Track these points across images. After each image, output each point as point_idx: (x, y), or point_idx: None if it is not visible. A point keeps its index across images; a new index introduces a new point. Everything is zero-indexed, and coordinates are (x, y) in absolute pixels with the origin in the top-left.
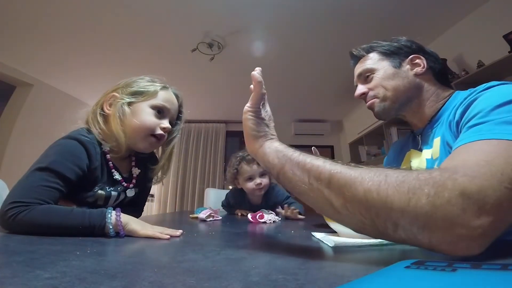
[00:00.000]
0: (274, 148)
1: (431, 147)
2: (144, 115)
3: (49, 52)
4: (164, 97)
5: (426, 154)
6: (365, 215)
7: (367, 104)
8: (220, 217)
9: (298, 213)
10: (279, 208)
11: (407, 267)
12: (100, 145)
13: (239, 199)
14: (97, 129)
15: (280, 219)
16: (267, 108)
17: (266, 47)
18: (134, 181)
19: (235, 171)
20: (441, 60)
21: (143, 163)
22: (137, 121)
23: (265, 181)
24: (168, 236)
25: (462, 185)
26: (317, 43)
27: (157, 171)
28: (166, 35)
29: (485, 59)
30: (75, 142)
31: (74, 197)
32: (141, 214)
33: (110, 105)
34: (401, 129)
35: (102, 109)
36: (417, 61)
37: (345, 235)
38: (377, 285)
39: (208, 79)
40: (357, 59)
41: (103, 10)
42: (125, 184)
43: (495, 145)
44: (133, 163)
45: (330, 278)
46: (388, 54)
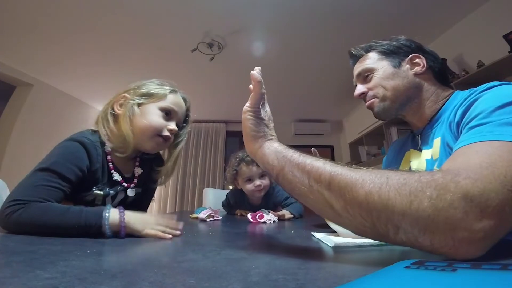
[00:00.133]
0: (273, 149)
1: (431, 147)
2: (153, 116)
3: (49, 52)
4: (173, 100)
5: (426, 154)
6: (366, 217)
7: (366, 104)
8: (220, 217)
9: (287, 214)
10: (278, 208)
11: (407, 267)
12: (104, 146)
13: (239, 199)
14: (105, 129)
15: (278, 219)
16: (267, 108)
17: (266, 47)
18: (135, 181)
19: (234, 172)
20: (440, 59)
21: (148, 164)
22: (146, 121)
23: (265, 182)
24: (171, 236)
25: (464, 187)
26: (317, 43)
27: (162, 173)
28: (166, 35)
29: (485, 59)
30: (77, 144)
31: (73, 196)
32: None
33: (120, 106)
34: (401, 129)
35: (113, 109)
36: (417, 60)
37: (345, 235)
38: (377, 285)
39: (208, 79)
40: (356, 58)
41: (103, 10)
42: (126, 185)
43: (497, 147)
44: (137, 163)
45: (330, 278)
46: (387, 53)
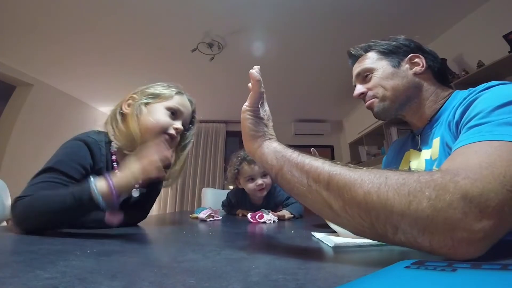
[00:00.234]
0: (272, 149)
1: (430, 147)
2: (159, 115)
3: (49, 52)
4: (179, 100)
5: (425, 154)
6: (365, 218)
7: (366, 104)
8: (220, 217)
9: (287, 214)
10: (279, 208)
11: (407, 267)
12: (109, 145)
13: (240, 198)
14: (114, 128)
15: (277, 219)
16: (266, 107)
17: (266, 47)
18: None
19: (236, 171)
20: (440, 59)
21: None
22: (152, 119)
23: (266, 181)
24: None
25: (463, 187)
26: (317, 43)
27: (169, 175)
28: (166, 35)
29: (485, 59)
30: (80, 142)
31: None
32: (146, 216)
33: (128, 105)
34: (401, 129)
35: (121, 109)
36: (416, 60)
37: (345, 235)
38: (377, 285)
39: (208, 79)
40: (355, 58)
41: (103, 10)
42: None
43: (496, 147)
44: None
45: (330, 278)
46: (386, 53)
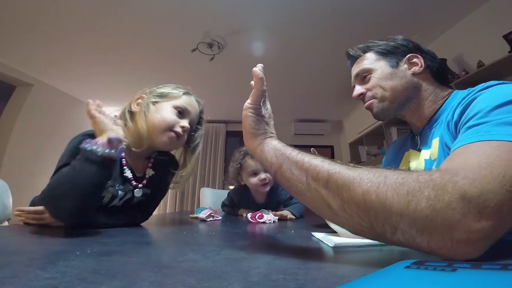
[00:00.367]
0: (272, 147)
1: (429, 147)
2: (166, 113)
3: (49, 52)
4: (186, 100)
5: (425, 154)
6: (363, 217)
7: (365, 104)
8: (220, 217)
9: (289, 214)
10: (281, 208)
11: (407, 267)
12: None
13: (243, 196)
14: (122, 126)
15: (278, 219)
16: (268, 105)
17: (266, 47)
18: (144, 181)
19: (238, 165)
20: (438, 59)
21: (161, 167)
22: (159, 116)
23: (270, 176)
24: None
25: (462, 188)
26: (317, 43)
27: (179, 177)
28: (166, 35)
29: (485, 59)
30: (85, 137)
31: None
32: (149, 217)
33: (137, 104)
34: (401, 129)
35: (131, 108)
36: (415, 60)
37: (345, 235)
38: (377, 285)
39: (208, 79)
40: (354, 59)
41: (103, 10)
42: (135, 183)
43: (495, 147)
44: (150, 164)
45: (330, 278)
46: (385, 53)
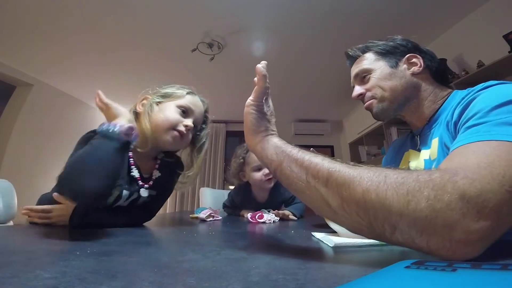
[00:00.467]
0: (273, 144)
1: (429, 147)
2: (169, 112)
3: (49, 52)
4: (190, 99)
5: (424, 154)
6: (363, 216)
7: (365, 105)
8: (220, 217)
9: (290, 214)
10: (282, 208)
11: (407, 267)
12: None
13: (244, 196)
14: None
15: (278, 219)
16: (270, 103)
17: (266, 47)
18: (151, 182)
19: (241, 160)
20: (438, 59)
21: (168, 168)
22: (162, 116)
23: None
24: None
25: (461, 188)
26: (317, 43)
27: (187, 178)
28: (166, 35)
29: (485, 59)
30: (92, 133)
31: None
32: (151, 218)
33: (142, 105)
34: (401, 129)
35: (136, 108)
36: (414, 60)
37: (345, 235)
38: (377, 285)
39: (208, 79)
40: (353, 59)
41: (103, 10)
42: (141, 183)
43: (495, 147)
44: (156, 165)
45: (330, 278)
46: (384, 53)
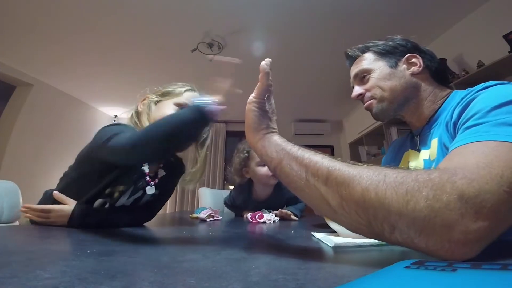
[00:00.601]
0: (273, 142)
1: (429, 148)
2: (167, 110)
3: (49, 52)
4: (188, 96)
5: (424, 155)
6: (362, 215)
7: (364, 105)
8: (220, 217)
9: (291, 215)
10: (284, 208)
11: (407, 267)
12: None
13: (245, 194)
14: (133, 124)
15: (279, 219)
16: (272, 101)
17: (266, 47)
18: (156, 180)
19: (246, 155)
20: (437, 59)
21: (171, 169)
22: (160, 114)
23: None
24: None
25: (460, 188)
26: (317, 43)
27: (190, 174)
28: (166, 35)
29: (485, 59)
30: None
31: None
32: (152, 218)
33: (143, 105)
34: (401, 129)
35: (137, 109)
36: (413, 60)
37: (345, 235)
38: (377, 285)
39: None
40: (353, 59)
41: (103, 10)
42: (148, 179)
43: (493, 147)
44: (161, 165)
45: (330, 278)
46: (383, 53)
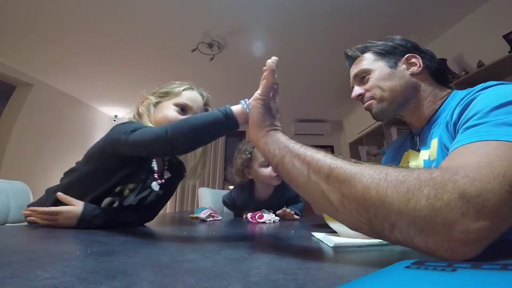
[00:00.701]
0: (276, 139)
1: (428, 148)
2: (167, 111)
3: (49, 52)
4: (188, 96)
5: (424, 155)
6: (362, 213)
7: (364, 105)
8: (220, 217)
9: (294, 214)
10: (284, 207)
11: (407, 267)
12: None
13: (246, 195)
14: None
15: (279, 219)
16: (277, 99)
17: (266, 47)
18: (163, 180)
19: (248, 156)
20: (437, 59)
21: (175, 170)
22: (161, 116)
23: None
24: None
25: (462, 187)
26: (317, 43)
27: (193, 171)
28: (166, 35)
29: (485, 59)
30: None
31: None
32: (155, 217)
33: (143, 106)
34: (401, 129)
35: (138, 110)
36: (413, 60)
37: (345, 235)
38: (377, 285)
39: (208, 79)
40: (352, 60)
41: (103, 10)
42: (156, 177)
43: (494, 147)
44: (165, 167)
45: (330, 278)
46: (383, 54)
